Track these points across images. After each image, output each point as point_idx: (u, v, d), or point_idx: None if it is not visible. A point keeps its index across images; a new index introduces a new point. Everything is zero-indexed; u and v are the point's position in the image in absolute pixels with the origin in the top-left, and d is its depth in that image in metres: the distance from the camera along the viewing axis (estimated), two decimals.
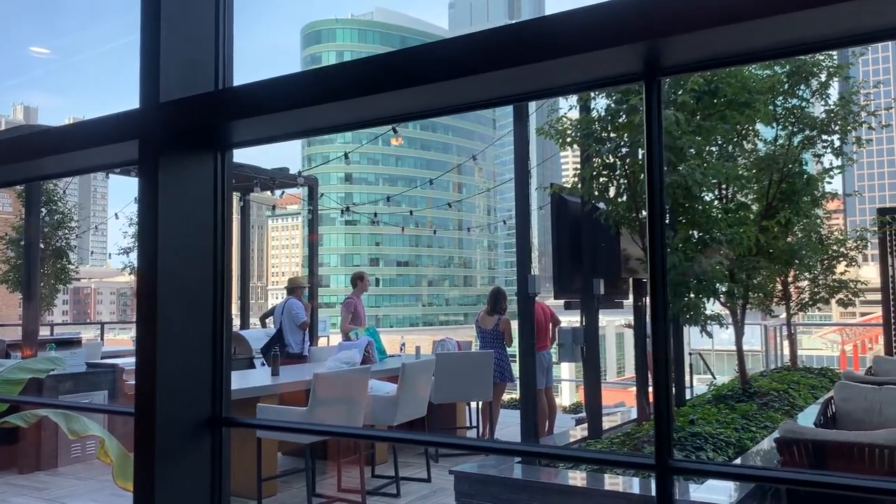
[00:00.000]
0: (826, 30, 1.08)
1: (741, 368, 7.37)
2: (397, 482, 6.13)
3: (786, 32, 1.10)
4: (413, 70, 1.35)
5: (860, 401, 6.06)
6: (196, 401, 1.63)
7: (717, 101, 5.69)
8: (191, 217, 1.66)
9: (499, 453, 4.54)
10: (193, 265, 1.66)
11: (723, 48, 1.12)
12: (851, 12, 1.02)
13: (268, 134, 1.67)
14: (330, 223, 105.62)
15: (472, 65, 1.21)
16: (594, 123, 5.65)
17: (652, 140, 1.18)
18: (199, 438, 1.63)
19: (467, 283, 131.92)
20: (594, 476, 4.51)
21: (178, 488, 1.57)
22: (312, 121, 1.67)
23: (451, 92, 1.40)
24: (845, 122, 6.98)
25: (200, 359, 1.65)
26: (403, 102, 1.52)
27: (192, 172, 1.66)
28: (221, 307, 1.69)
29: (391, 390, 6.43)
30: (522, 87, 1.30)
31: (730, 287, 6.13)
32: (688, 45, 1.11)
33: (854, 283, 9.02)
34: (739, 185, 6.74)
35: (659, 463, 1.12)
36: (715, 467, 1.42)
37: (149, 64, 1.63)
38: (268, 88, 1.59)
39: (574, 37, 1.15)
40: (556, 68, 1.19)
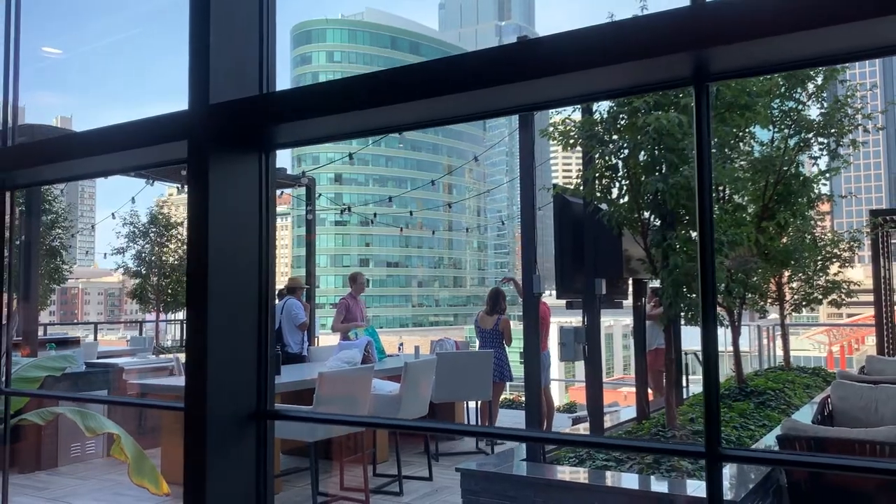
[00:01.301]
0: (864, 40, 1.14)
1: (738, 368, 7.46)
2: (400, 480, 6.17)
3: (820, 44, 1.17)
4: (447, 80, 1.40)
5: (857, 399, 6.16)
6: (242, 395, 1.67)
7: (717, 103, 5.76)
8: (238, 215, 1.71)
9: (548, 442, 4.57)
10: (241, 262, 1.71)
11: (764, 57, 1.18)
12: (872, 30, 1.08)
13: (309, 136, 1.73)
14: (320, 224, 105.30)
15: (533, 69, 1.26)
16: (597, 125, 5.71)
17: (702, 141, 1.23)
18: (246, 431, 1.67)
19: (457, 284, 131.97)
20: (597, 472, 4.57)
21: (227, 480, 1.62)
22: (346, 125, 1.72)
23: (494, 98, 1.45)
24: (841, 125, 7.09)
25: (246, 354, 1.70)
26: (432, 110, 1.57)
27: (239, 172, 1.71)
28: (266, 303, 1.73)
29: (394, 389, 6.47)
30: (577, 90, 1.36)
31: (729, 286, 6.21)
32: (733, 54, 1.17)
33: (847, 283, 9.15)
34: (737, 186, 6.83)
35: (709, 450, 1.17)
36: (763, 454, 1.47)
37: (198, 66, 1.68)
38: (310, 94, 1.64)
39: (628, 44, 1.20)
40: (611, 74, 1.25)
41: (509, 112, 1.49)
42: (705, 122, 1.23)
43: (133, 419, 7.81)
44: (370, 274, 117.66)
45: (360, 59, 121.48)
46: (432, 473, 6.51)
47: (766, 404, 6.89)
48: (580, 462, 4.80)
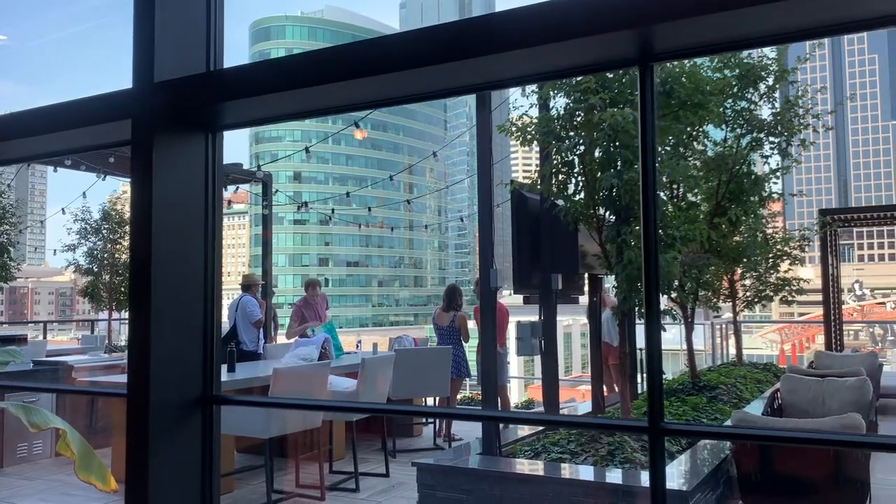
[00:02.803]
0: (810, 18, 1.16)
1: (691, 363, 7.59)
2: (356, 477, 6.14)
3: (768, 21, 1.18)
4: (411, 52, 1.39)
5: (805, 392, 6.32)
6: (187, 380, 1.64)
7: (671, 102, 5.85)
8: (183, 198, 1.67)
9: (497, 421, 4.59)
10: (186, 246, 1.67)
11: (713, 35, 1.20)
12: (820, 6, 1.10)
13: (259, 115, 1.70)
14: (279, 223, 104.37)
15: (469, 48, 1.26)
16: (554, 122, 5.75)
17: (646, 126, 1.24)
18: (191, 416, 1.64)
19: (418, 284, 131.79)
20: (552, 465, 4.61)
21: (171, 465, 1.58)
22: (298, 104, 1.70)
23: (446, 76, 1.44)
24: (791, 125, 7.26)
25: (191, 340, 1.66)
26: (390, 87, 1.56)
27: (185, 153, 1.67)
28: (212, 289, 1.70)
29: (350, 386, 6.43)
30: (521, 69, 1.36)
31: (682, 281, 6.31)
32: (679, 31, 1.18)
33: (797, 281, 9.37)
34: (690, 184, 6.94)
35: (652, 425, 1.18)
36: (704, 427, 1.49)
37: (142, 42, 1.64)
38: (259, 71, 1.61)
39: (571, 22, 1.20)
40: (554, 52, 1.25)
41: (455, 92, 1.48)
42: (649, 105, 1.24)
43: (83, 417, 7.63)
44: (330, 273, 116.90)
45: None
46: (389, 470, 6.48)
47: (718, 398, 7.02)
48: (535, 455, 4.83)
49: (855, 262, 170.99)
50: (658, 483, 1.18)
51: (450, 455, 6.08)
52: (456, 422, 8.14)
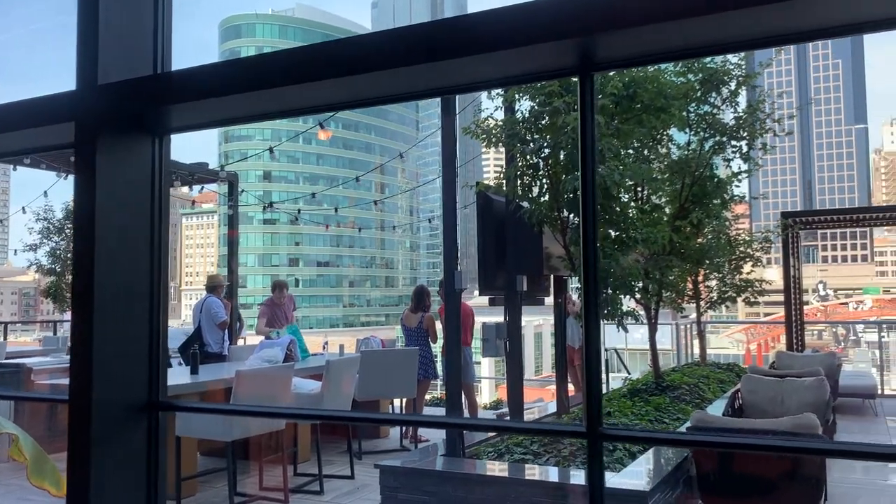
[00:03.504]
0: (744, 31, 1.19)
1: (654, 363, 7.67)
2: (321, 479, 6.10)
3: (708, 33, 1.20)
4: (354, 59, 1.39)
5: (765, 392, 6.42)
6: (132, 386, 1.62)
7: (634, 105, 5.92)
8: (128, 201, 1.65)
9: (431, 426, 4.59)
10: (130, 251, 1.65)
11: (651, 46, 1.21)
12: (763, 17, 1.13)
13: (207, 119, 1.68)
14: (248, 222, 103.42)
15: (412, 56, 1.26)
16: (518, 125, 5.79)
17: (585, 132, 1.26)
18: (135, 423, 1.62)
19: (389, 284, 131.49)
20: (514, 466, 4.63)
21: (114, 474, 1.56)
22: (251, 107, 1.69)
23: (390, 82, 1.44)
24: (753, 129, 7.39)
25: (137, 344, 1.64)
26: (342, 91, 1.56)
27: (130, 157, 1.65)
28: (158, 293, 1.68)
29: (315, 388, 6.39)
30: (463, 77, 1.37)
31: (645, 284, 6.38)
32: (619, 42, 1.20)
33: (759, 282, 9.52)
34: (654, 186, 7.03)
35: (590, 430, 1.20)
36: (641, 433, 1.51)
37: (86, 44, 1.61)
38: (207, 74, 1.60)
39: (514, 31, 1.21)
40: (496, 60, 1.26)
41: (400, 98, 1.49)
42: (589, 113, 1.25)
43: (44, 421, 7.49)
44: (300, 273, 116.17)
45: None
46: (354, 471, 6.46)
47: (681, 398, 7.11)
48: (499, 456, 4.85)
49: (819, 263, 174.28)
50: (596, 487, 1.20)
51: (415, 456, 6.08)
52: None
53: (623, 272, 5.54)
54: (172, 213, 8.78)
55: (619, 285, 5.72)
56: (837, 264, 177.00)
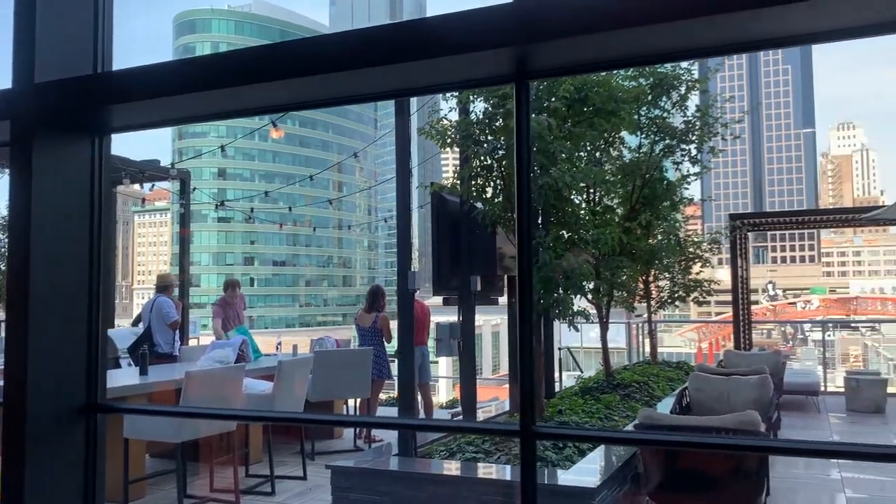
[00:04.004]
0: (669, 43, 1.23)
1: (605, 362, 7.80)
2: (272, 480, 6.06)
3: (638, 44, 1.24)
4: (295, 62, 1.40)
5: (711, 390, 6.57)
6: (70, 388, 1.60)
7: (586, 108, 6.01)
8: (66, 201, 1.63)
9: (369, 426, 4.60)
10: (68, 251, 1.63)
11: (584, 56, 1.25)
12: (690, 30, 1.17)
13: (148, 119, 1.67)
14: (202, 220, 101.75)
15: (355, 60, 1.28)
16: (473, 126, 5.83)
17: (521, 139, 1.29)
18: (73, 426, 1.60)
19: (347, 283, 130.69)
20: (466, 465, 4.67)
21: (50, 478, 1.54)
22: (193, 108, 1.68)
23: (332, 85, 1.46)
24: (702, 133, 7.56)
25: (74, 347, 1.62)
26: (285, 93, 1.57)
27: (67, 156, 1.63)
28: (98, 294, 1.66)
29: (267, 388, 6.35)
30: (401, 83, 1.39)
31: (596, 284, 6.48)
32: (553, 52, 1.23)
33: (708, 282, 9.74)
34: (606, 188, 7.14)
35: (523, 429, 1.23)
36: (574, 431, 1.55)
37: (23, 42, 1.59)
38: (149, 74, 1.59)
39: (452, 39, 1.24)
40: (435, 67, 1.28)
41: (338, 102, 1.50)
42: (525, 120, 1.28)
43: None
44: (255, 273, 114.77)
45: None
46: (306, 472, 6.43)
47: (631, 396, 7.23)
48: (451, 455, 4.89)
49: (769, 263, 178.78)
50: (528, 485, 1.23)
51: (368, 456, 6.08)
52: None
53: (574, 272, 5.61)
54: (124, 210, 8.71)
55: (570, 285, 5.80)
56: (786, 265, 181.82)
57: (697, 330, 51.19)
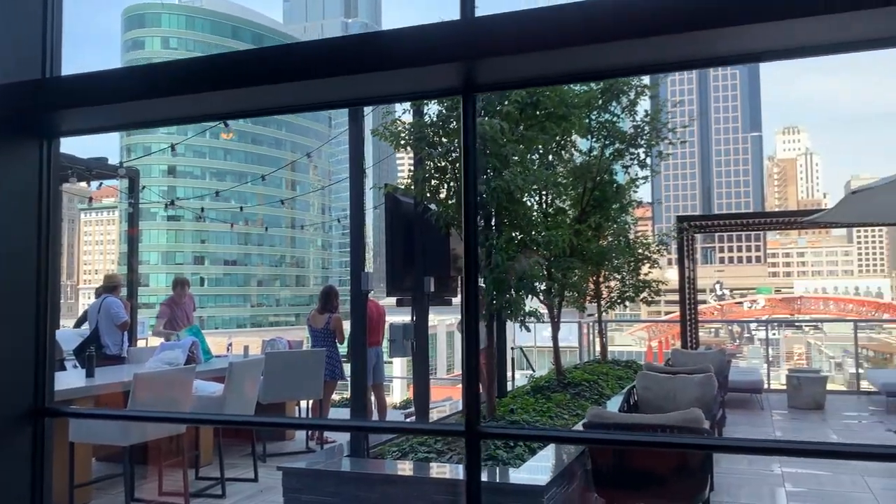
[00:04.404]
0: (611, 61, 1.29)
1: (556, 361, 7.92)
2: (223, 483, 6.02)
3: (580, 62, 1.30)
4: (245, 72, 1.42)
5: (658, 389, 6.73)
6: (17, 391, 1.59)
7: (538, 112, 6.09)
8: (14, 205, 1.62)
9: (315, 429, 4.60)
10: (15, 254, 1.62)
11: (528, 72, 1.30)
12: (629, 49, 1.23)
13: (98, 124, 1.67)
14: (151, 218, 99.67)
15: (306, 72, 1.31)
16: (427, 128, 5.86)
17: (468, 149, 1.33)
18: (19, 430, 1.59)
19: (300, 283, 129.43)
20: (418, 465, 4.71)
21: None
22: (143, 114, 1.69)
23: (282, 95, 1.48)
24: (650, 137, 7.74)
25: (21, 350, 1.61)
26: (235, 102, 1.59)
27: (15, 160, 1.62)
28: (46, 297, 1.65)
29: (217, 390, 6.30)
30: (353, 94, 1.42)
31: (548, 285, 6.58)
32: (499, 67, 1.28)
33: (656, 283, 9.95)
34: (558, 191, 7.25)
35: (468, 429, 1.27)
36: (518, 430, 1.60)
37: None
38: (99, 80, 1.59)
39: (403, 53, 1.28)
40: (385, 79, 1.32)
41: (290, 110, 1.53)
42: (471, 130, 1.33)
43: None
44: (206, 272, 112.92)
45: (199, 48, 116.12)
46: (258, 474, 6.39)
47: (581, 395, 7.35)
48: (403, 455, 4.91)
49: (716, 264, 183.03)
50: (473, 485, 1.27)
51: (320, 457, 6.07)
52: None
53: (525, 273, 5.69)
54: (70, 208, 8.55)
55: (522, 286, 5.88)
56: (734, 265, 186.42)
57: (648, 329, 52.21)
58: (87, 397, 5.92)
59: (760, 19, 1.17)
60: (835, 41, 1.28)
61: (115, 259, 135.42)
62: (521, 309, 5.85)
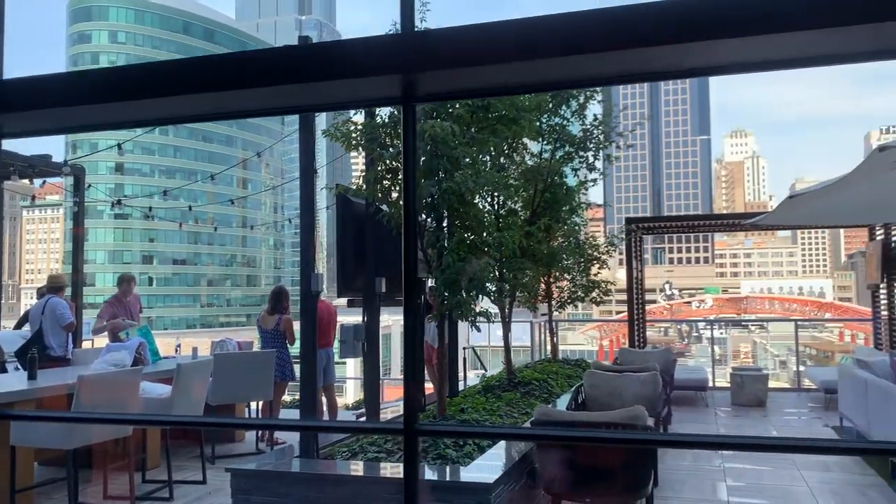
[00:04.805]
0: (543, 76, 1.35)
1: (507, 361, 8.01)
2: (170, 485, 5.95)
3: (516, 76, 1.36)
4: (192, 79, 1.44)
5: (605, 386, 6.88)
6: None
7: (489, 115, 6.17)
8: None
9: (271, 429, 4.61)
10: None
11: (466, 84, 1.36)
12: (559, 66, 1.30)
13: (42, 127, 1.67)
14: (97, 216, 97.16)
15: (252, 79, 1.34)
16: (378, 129, 5.89)
17: (408, 156, 1.38)
18: None
19: (251, 283, 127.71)
20: (367, 465, 4.74)
21: None
22: (88, 118, 1.69)
23: (227, 102, 1.51)
24: (598, 141, 7.89)
25: None
26: (181, 107, 1.61)
27: None
28: None
29: (164, 392, 6.22)
30: (302, 100, 1.46)
31: (498, 286, 6.67)
32: (437, 79, 1.33)
33: (605, 283, 10.14)
34: (509, 193, 7.35)
35: (406, 427, 1.32)
36: (455, 427, 1.66)
37: None
38: (43, 84, 1.59)
39: (347, 64, 1.33)
40: (332, 88, 1.36)
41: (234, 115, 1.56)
42: (411, 138, 1.38)
43: None
44: (154, 272, 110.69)
45: (149, 42, 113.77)
46: (206, 476, 6.34)
47: (531, 393, 7.46)
48: (353, 455, 4.94)
49: (666, 264, 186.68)
50: (411, 481, 1.32)
51: (270, 458, 6.04)
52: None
53: (476, 274, 5.77)
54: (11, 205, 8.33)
55: (473, 287, 5.95)
56: (682, 265, 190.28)
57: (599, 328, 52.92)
58: (29, 400, 5.79)
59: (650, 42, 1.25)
60: (797, 56, 1.37)
61: (59, 258, 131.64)
62: (472, 309, 5.92)
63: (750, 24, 1.28)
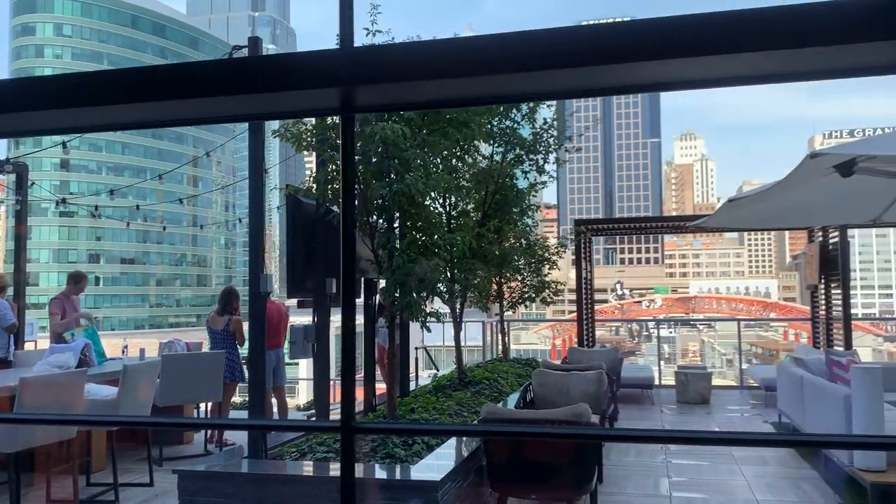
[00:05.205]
0: (480, 91, 1.42)
1: (458, 360, 8.10)
2: (116, 488, 5.88)
3: (454, 90, 1.43)
4: (137, 87, 1.48)
5: (553, 385, 7.02)
6: None
7: (440, 118, 6.24)
8: None
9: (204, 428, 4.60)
10: None
11: (404, 98, 1.43)
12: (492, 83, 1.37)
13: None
14: (41, 214, 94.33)
15: (192, 90, 1.38)
16: (329, 130, 5.91)
17: (346, 164, 1.44)
18: None
19: (201, 283, 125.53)
20: (316, 465, 4.76)
21: None
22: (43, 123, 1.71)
23: (170, 110, 1.55)
24: (547, 145, 8.03)
25: None
26: (128, 114, 1.64)
27: None
28: None
29: (111, 394, 6.14)
30: (248, 109, 1.51)
31: (448, 287, 6.75)
32: (375, 93, 1.39)
33: (555, 283, 10.31)
34: (460, 195, 7.43)
35: (343, 425, 1.38)
36: (392, 425, 1.72)
37: None
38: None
39: (288, 77, 1.38)
40: (276, 99, 1.41)
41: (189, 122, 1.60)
42: (350, 147, 1.44)
43: None
44: (101, 271, 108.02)
45: (96, 36, 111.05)
46: (153, 478, 6.28)
47: (481, 393, 7.55)
48: (302, 455, 4.95)
49: (617, 265, 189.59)
50: (348, 479, 1.38)
51: (219, 460, 6.02)
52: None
53: (427, 275, 5.83)
54: None
55: (423, 287, 6.01)
56: (633, 266, 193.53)
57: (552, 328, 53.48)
58: None
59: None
60: (740, 75, 1.47)
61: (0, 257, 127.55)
62: (422, 310, 5.99)
63: (675, 50, 1.37)
